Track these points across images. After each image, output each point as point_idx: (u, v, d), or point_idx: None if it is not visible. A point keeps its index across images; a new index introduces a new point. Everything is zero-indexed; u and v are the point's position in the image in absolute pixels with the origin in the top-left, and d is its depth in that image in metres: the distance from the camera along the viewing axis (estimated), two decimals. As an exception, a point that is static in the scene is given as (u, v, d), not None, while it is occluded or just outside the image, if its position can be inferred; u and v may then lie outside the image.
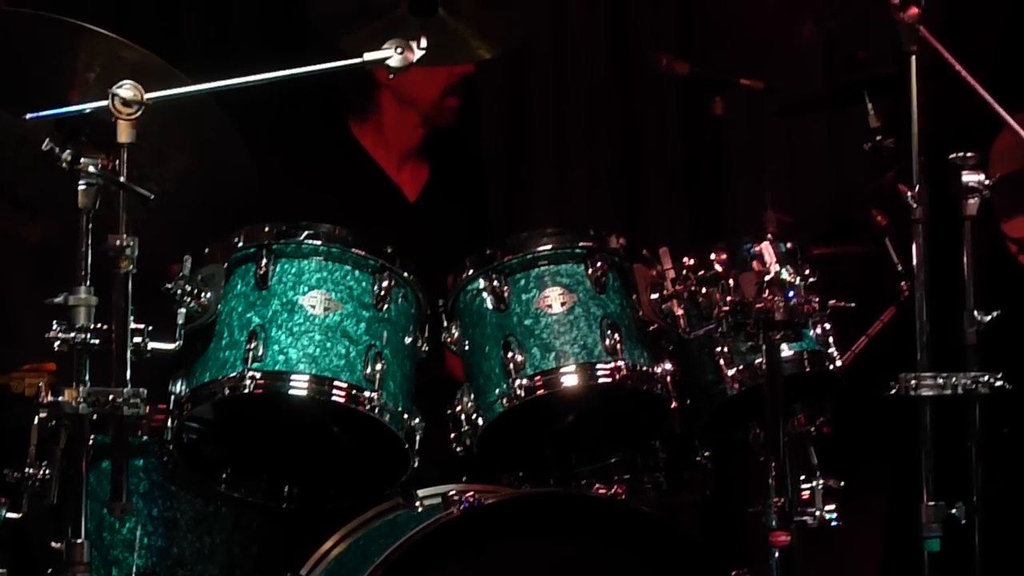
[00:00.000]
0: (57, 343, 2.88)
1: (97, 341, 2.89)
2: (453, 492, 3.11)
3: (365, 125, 4.29)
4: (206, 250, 3.30)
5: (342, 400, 3.17)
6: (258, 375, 3.14)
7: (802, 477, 3.32)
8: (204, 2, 4.50)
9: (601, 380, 3.24)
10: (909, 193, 3.27)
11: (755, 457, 3.35)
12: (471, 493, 3.08)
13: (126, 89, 2.90)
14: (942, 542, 3.20)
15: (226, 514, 3.43)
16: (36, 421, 3.13)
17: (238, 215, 3.38)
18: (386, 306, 3.27)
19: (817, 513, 3.27)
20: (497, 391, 3.25)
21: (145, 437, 3.31)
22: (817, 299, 3.33)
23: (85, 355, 2.88)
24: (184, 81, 3.15)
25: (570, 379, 3.23)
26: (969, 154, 3.28)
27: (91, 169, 2.89)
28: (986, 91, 3.96)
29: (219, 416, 3.29)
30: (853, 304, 3.55)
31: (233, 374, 3.16)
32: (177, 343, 3.15)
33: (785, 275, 3.22)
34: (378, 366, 3.19)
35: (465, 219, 4.24)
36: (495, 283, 3.31)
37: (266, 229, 3.27)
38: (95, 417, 2.88)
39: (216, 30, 4.25)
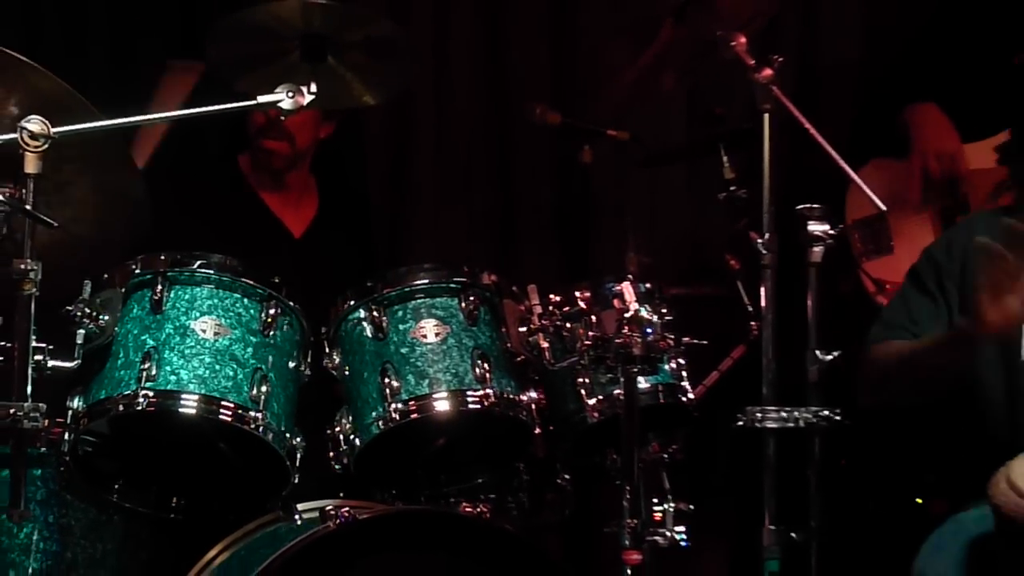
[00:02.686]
0: None
1: (0, 358, 2.96)
2: (330, 507, 3.17)
3: (250, 165, 4.31)
4: (104, 275, 3.30)
5: (228, 419, 3.19)
6: (151, 393, 3.15)
7: (655, 500, 3.38)
8: (110, 39, 4.42)
9: (471, 406, 3.29)
10: (759, 240, 3.33)
11: (612, 481, 3.39)
12: (347, 508, 3.13)
13: (34, 123, 2.91)
14: (782, 563, 3.26)
15: (117, 523, 3.43)
16: None
17: (134, 244, 3.38)
18: (272, 332, 3.31)
19: (668, 534, 3.34)
20: (374, 414, 3.29)
21: (43, 449, 3.27)
22: (672, 336, 3.40)
23: None
24: (92, 114, 3.13)
25: (442, 404, 3.27)
26: (815, 205, 3.29)
27: None
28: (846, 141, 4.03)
29: (113, 431, 3.28)
30: (706, 342, 3.62)
31: (127, 392, 3.17)
32: (76, 362, 3.17)
33: (644, 313, 3.24)
34: (263, 388, 3.22)
35: (352, 253, 4.24)
36: (375, 313, 3.35)
37: (162, 257, 3.28)
38: (7, 430, 2.91)
39: (121, 67, 4.21)
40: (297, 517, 3.24)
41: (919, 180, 4.17)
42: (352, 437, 3.34)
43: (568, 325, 3.41)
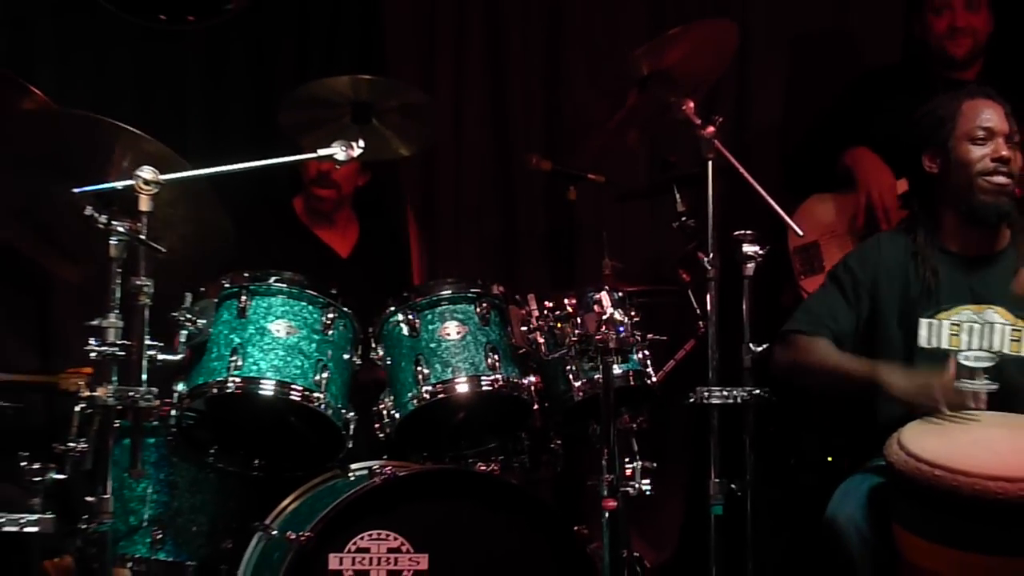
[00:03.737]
0: (93, 354, 2.93)
1: (122, 353, 2.94)
2: (376, 466, 3.20)
3: (304, 206, 4.29)
4: (201, 289, 3.33)
5: (298, 399, 3.19)
6: (238, 379, 3.18)
7: (626, 460, 3.34)
8: (204, 107, 4.42)
9: (484, 388, 3.28)
10: (705, 259, 3.32)
11: (593, 445, 3.37)
12: (389, 467, 3.17)
13: (146, 172, 2.95)
14: (724, 508, 3.26)
15: (212, 479, 3.43)
16: (77, 409, 3.15)
17: (221, 265, 3.39)
18: (330, 331, 3.30)
19: (636, 486, 3.31)
20: (409, 394, 3.28)
21: (155, 422, 3.29)
22: (639, 333, 3.42)
23: (113, 363, 2.93)
24: (188, 167, 3.17)
25: (462, 387, 3.27)
26: (748, 232, 3.29)
27: (120, 229, 2.92)
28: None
29: (209, 408, 3.29)
30: (665, 337, 3.59)
31: (220, 379, 3.19)
32: (180, 356, 3.20)
33: (617, 316, 3.25)
34: (324, 375, 3.23)
35: (389, 268, 4.21)
36: (409, 316, 3.34)
37: (245, 275, 3.29)
38: (119, 408, 2.93)
39: (213, 130, 4.21)
40: (351, 474, 3.24)
41: (864, 211, 4.09)
42: (393, 412, 3.31)
43: (559, 325, 3.41)
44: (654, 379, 3.50)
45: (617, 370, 3.27)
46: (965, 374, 3.09)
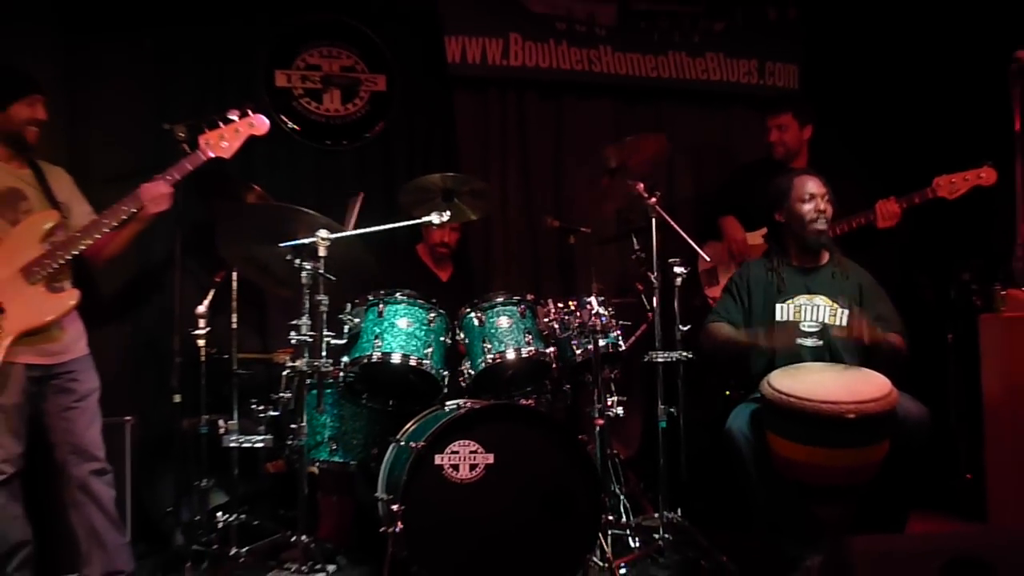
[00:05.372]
0: (293, 340, 3.05)
1: (310, 339, 3.03)
2: (461, 403, 3.21)
3: (423, 250, 4.20)
4: (356, 300, 3.34)
5: (415, 365, 3.23)
6: (379, 354, 3.22)
7: (607, 396, 3.42)
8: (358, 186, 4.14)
9: (523, 356, 3.29)
10: (651, 276, 3.43)
11: (588, 387, 3.42)
12: (469, 403, 3.17)
13: (323, 232, 3.06)
14: (666, 423, 3.36)
15: (365, 412, 3.46)
16: (284, 373, 3.30)
17: (367, 285, 3.36)
18: (433, 324, 3.32)
19: (614, 410, 3.39)
20: (479, 360, 3.31)
21: (331, 380, 3.32)
22: (615, 320, 3.48)
23: (305, 346, 3.03)
24: (344, 229, 3.21)
25: (511, 355, 3.29)
26: (676, 259, 3.36)
27: (307, 267, 3.04)
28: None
29: (362, 371, 3.29)
30: (630, 323, 3.60)
31: (368, 353, 3.23)
32: (343, 341, 3.25)
33: (601, 311, 3.38)
34: (429, 350, 3.26)
35: (469, 288, 4.08)
36: (478, 314, 3.36)
37: (381, 292, 3.31)
38: (309, 372, 3.04)
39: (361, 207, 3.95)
40: (446, 407, 3.22)
41: (727, 254, 4.08)
42: (469, 371, 3.34)
43: (566, 317, 3.46)
44: (623, 347, 3.52)
45: (601, 342, 3.37)
46: (803, 335, 3.19)
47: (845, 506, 2.95)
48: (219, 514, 3.39)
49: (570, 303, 3.48)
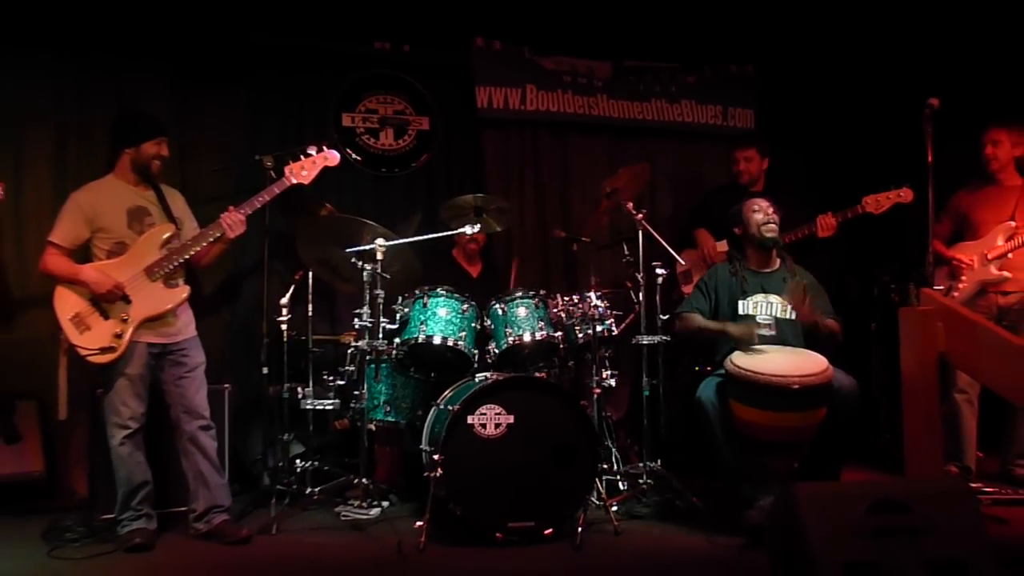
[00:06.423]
0: (356, 325, 3.10)
1: (368, 324, 3.13)
2: (488, 375, 3.13)
3: (458, 253, 4.08)
4: (406, 294, 3.31)
5: (452, 345, 3.20)
6: (422, 336, 3.19)
7: (603, 370, 3.32)
8: (404, 212, 4.24)
9: (538, 338, 3.25)
10: (639, 276, 3.42)
11: (589, 364, 3.36)
12: (495, 375, 3.10)
13: (380, 240, 3.08)
14: (649, 392, 3.36)
15: (413, 383, 3.42)
16: (349, 351, 3.32)
17: (414, 282, 3.35)
18: (466, 313, 3.28)
19: (608, 382, 3.35)
20: (502, 341, 3.26)
21: (386, 356, 3.29)
22: (610, 310, 3.40)
23: (365, 329, 3.10)
24: (398, 238, 3.23)
25: (527, 337, 3.24)
26: (658, 262, 3.36)
27: (367, 268, 3.06)
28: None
29: (411, 350, 3.27)
30: (620, 312, 3.55)
31: (416, 335, 3.20)
32: (395, 326, 3.24)
33: (598, 303, 3.34)
34: (463, 334, 3.23)
35: (496, 284, 3.95)
36: (503, 305, 3.32)
37: (426, 287, 3.27)
38: (369, 350, 3.11)
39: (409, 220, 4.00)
40: (476, 378, 3.13)
41: (701, 260, 4.01)
42: (495, 350, 3.29)
43: (571, 308, 3.41)
44: (615, 332, 3.47)
45: (599, 328, 3.32)
46: (760, 326, 3.15)
47: (791, 458, 2.94)
48: (297, 461, 3.40)
49: (574, 297, 3.45)
